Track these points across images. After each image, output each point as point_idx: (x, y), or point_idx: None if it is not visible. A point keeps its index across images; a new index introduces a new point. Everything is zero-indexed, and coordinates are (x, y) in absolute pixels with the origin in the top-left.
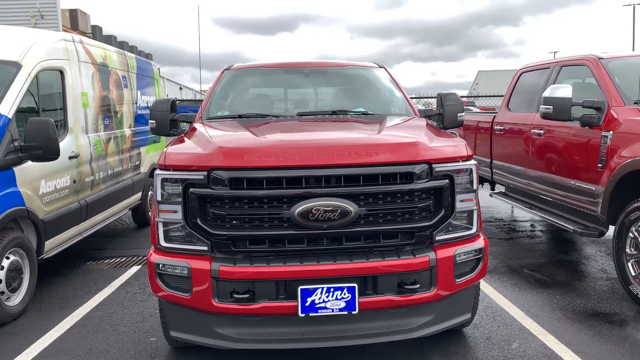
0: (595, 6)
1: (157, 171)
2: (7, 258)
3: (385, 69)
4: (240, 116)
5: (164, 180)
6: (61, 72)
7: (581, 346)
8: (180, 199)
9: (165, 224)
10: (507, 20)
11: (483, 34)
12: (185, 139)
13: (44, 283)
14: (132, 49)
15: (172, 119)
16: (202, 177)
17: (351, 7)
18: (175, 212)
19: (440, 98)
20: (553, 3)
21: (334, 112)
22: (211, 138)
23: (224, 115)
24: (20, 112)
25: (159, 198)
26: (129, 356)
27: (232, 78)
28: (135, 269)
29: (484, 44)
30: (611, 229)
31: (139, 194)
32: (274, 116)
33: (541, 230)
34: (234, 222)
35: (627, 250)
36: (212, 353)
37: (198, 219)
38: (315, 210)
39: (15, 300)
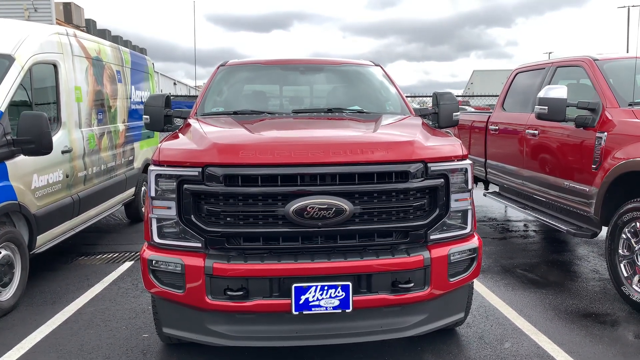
0: (585, 9)
1: (151, 167)
2: None
3: (381, 67)
4: (235, 112)
5: (158, 176)
6: (55, 66)
7: (573, 346)
8: (174, 195)
9: (159, 220)
10: (499, 21)
11: (475, 34)
12: (180, 135)
13: (35, 278)
14: (126, 43)
15: (166, 115)
16: (196, 173)
17: (344, 6)
18: (169, 208)
19: (436, 97)
20: (544, 5)
21: (329, 110)
22: (206, 134)
23: (218, 111)
24: (13, 105)
25: (152, 194)
26: (121, 352)
27: (227, 74)
28: (128, 264)
29: (476, 44)
30: (604, 230)
31: (132, 190)
32: (269, 113)
33: (534, 231)
34: (228, 219)
35: (620, 251)
36: (205, 350)
37: (192, 216)
38: (310, 208)
39: (7, 295)
